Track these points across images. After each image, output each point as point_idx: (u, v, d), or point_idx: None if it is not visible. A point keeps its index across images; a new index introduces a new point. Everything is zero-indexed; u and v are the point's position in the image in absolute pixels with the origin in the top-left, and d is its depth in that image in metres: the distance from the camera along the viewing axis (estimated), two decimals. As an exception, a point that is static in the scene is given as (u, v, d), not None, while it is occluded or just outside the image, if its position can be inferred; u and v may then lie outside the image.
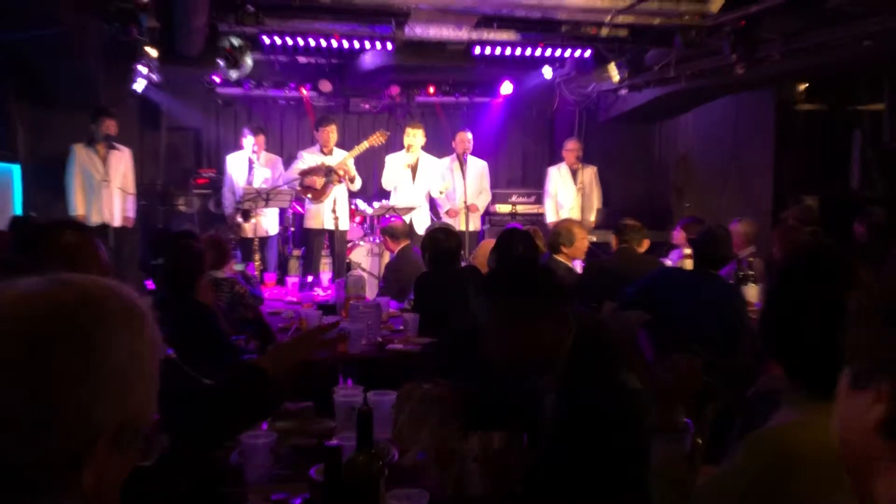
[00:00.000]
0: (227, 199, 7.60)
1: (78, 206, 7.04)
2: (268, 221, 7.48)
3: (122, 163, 7.16)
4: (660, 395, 1.78)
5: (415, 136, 7.73)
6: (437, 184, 7.88)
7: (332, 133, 7.56)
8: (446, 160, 8.10)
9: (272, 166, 7.63)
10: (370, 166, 8.42)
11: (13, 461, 0.86)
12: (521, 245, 4.18)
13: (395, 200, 7.65)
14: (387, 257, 6.75)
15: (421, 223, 7.55)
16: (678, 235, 6.37)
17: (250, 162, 7.55)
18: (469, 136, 7.90)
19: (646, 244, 5.38)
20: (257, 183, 7.38)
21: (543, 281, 2.28)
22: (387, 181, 7.89)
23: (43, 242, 2.22)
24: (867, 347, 0.88)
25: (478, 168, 8.09)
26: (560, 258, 5.24)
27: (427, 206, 7.93)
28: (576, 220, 6.75)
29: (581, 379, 2.08)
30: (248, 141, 7.53)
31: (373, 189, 8.22)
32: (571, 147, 8.23)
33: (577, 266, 5.43)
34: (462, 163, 7.60)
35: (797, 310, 1.44)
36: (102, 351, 0.89)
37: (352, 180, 7.51)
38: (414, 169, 7.80)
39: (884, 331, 0.86)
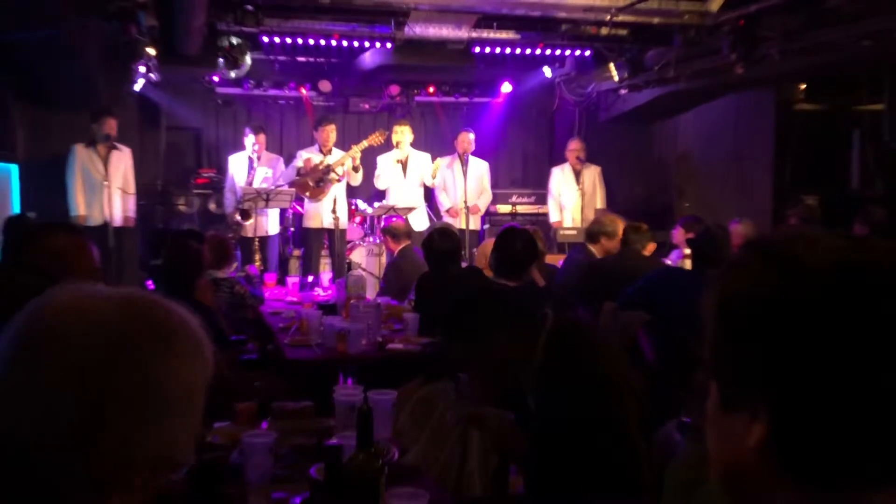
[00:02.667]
0: (229, 199, 7.59)
1: (79, 206, 7.03)
2: (268, 221, 7.48)
3: (122, 163, 7.15)
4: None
5: (402, 133, 7.77)
6: (427, 171, 7.89)
7: (331, 132, 7.56)
8: (446, 159, 8.10)
9: (273, 166, 7.62)
10: (368, 168, 8.41)
11: (44, 472, 0.82)
12: (520, 244, 4.17)
13: (391, 200, 7.65)
14: (385, 257, 6.76)
15: (418, 223, 7.55)
16: (678, 235, 6.36)
17: (250, 161, 7.55)
18: (471, 136, 7.91)
19: (651, 247, 5.33)
20: (257, 183, 7.38)
21: (494, 308, 2.33)
22: (379, 181, 7.90)
23: (35, 244, 2.22)
24: (728, 364, 0.79)
25: (479, 168, 8.09)
26: (594, 248, 5.27)
27: (424, 205, 7.94)
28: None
29: (554, 378, 2.09)
30: (249, 140, 7.53)
31: (373, 189, 8.21)
32: (573, 147, 8.22)
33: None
34: (463, 163, 7.61)
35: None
36: (163, 380, 0.86)
37: (357, 169, 7.52)
38: (404, 165, 7.82)
39: (735, 346, 0.78)
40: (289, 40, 6.90)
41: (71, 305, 0.86)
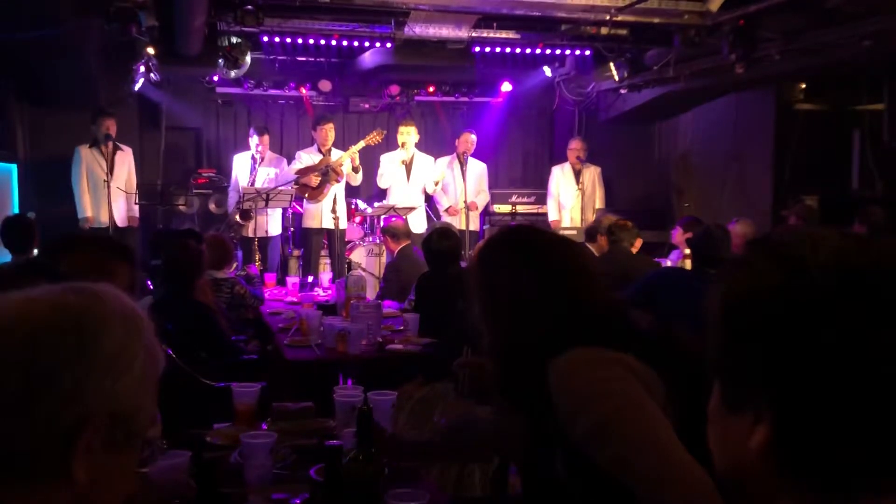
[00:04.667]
0: (232, 198, 7.59)
1: (87, 207, 7.05)
2: (270, 222, 7.48)
3: (125, 163, 7.17)
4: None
5: (408, 134, 7.74)
6: (431, 177, 7.88)
7: (329, 132, 7.55)
8: (445, 159, 8.10)
9: (276, 166, 7.63)
10: (370, 167, 8.42)
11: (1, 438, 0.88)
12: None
13: (392, 200, 7.65)
14: (385, 257, 6.75)
15: (417, 223, 7.55)
16: (677, 235, 6.37)
17: (253, 161, 7.56)
18: (473, 137, 7.91)
19: (638, 243, 5.38)
20: (259, 183, 7.38)
21: None
22: (382, 180, 7.89)
23: (75, 255, 2.18)
24: (731, 364, 0.79)
25: (477, 169, 8.09)
26: (593, 247, 5.30)
27: (424, 206, 7.93)
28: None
29: None
30: (253, 141, 7.54)
31: (373, 189, 8.21)
32: (574, 147, 8.23)
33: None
34: (462, 163, 7.61)
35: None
36: (95, 336, 0.93)
37: (356, 170, 7.51)
38: (408, 167, 7.81)
39: (739, 346, 0.77)
40: (289, 40, 6.90)
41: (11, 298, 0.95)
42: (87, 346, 0.92)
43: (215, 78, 7.78)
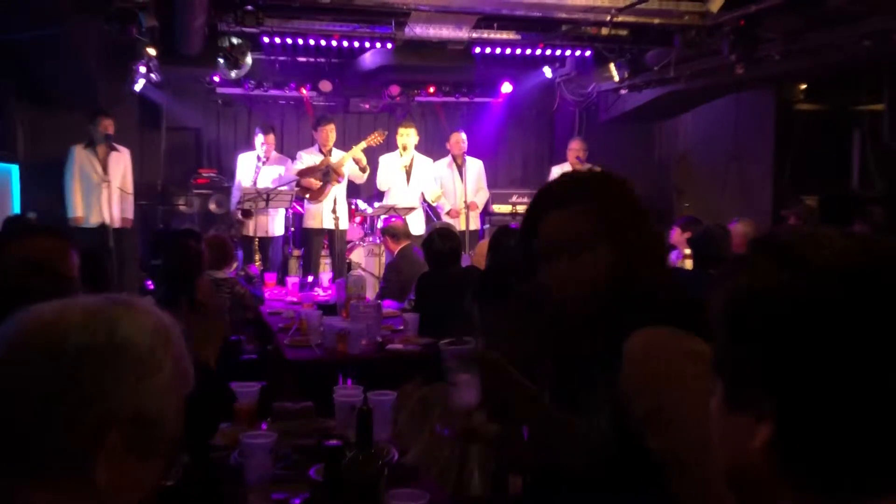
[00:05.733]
0: (235, 197, 7.59)
1: (76, 207, 7.04)
2: (272, 222, 7.48)
3: (121, 163, 7.14)
4: None
5: (408, 136, 7.71)
6: (430, 189, 7.86)
7: (330, 132, 7.55)
8: (442, 162, 8.08)
9: (280, 166, 7.63)
10: (370, 166, 8.42)
11: (23, 435, 0.91)
12: (514, 241, 4.18)
13: (391, 201, 7.63)
14: (384, 257, 6.75)
15: (416, 225, 7.53)
16: (675, 235, 6.37)
17: (258, 160, 7.56)
18: (463, 136, 7.89)
19: None
20: (262, 182, 7.38)
21: (528, 283, 2.31)
22: (381, 182, 7.88)
23: (14, 246, 2.21)
24: (734, 364, 0.79)
25: (475, 168, 8.07)
26: None
27: (423, 206, 7.92)
28: None
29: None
30: (259, 140, 7.55)
31: (373, 189, 8.21)
32: (574, 147, 8.21)
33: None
34: (459, 164, 7.59)
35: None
36: (123, 340, 0.96)
37: (364, 170, 7.51)
38: (408, 170, 7.79)
39: (742, 345, 0.77)
40: (289, 40, 6.91)
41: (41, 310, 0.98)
42: (114, 348, 0.95)
43: (216, 78, 7.78)
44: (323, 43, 6.96)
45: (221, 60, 6.64)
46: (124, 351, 0.95)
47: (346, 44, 7.02)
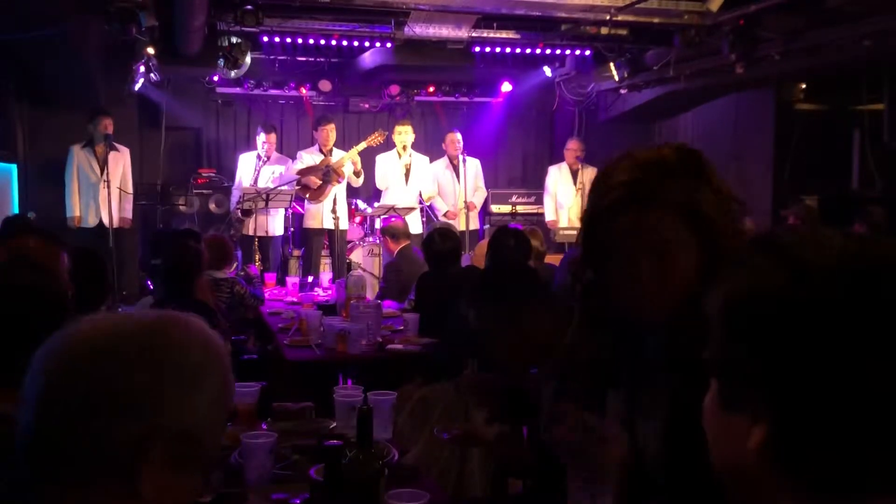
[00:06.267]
0: (235, 197, 7.59)
1: (74, 207, 7.04)
2: (272, 221, 7.48)
3: (120, 163, 7.15)
4: None
5: (406, 134, 7.71)
6: (428, 188, 7.86)
7: (330, 132, 7.55)
8: (439, 163, 8.08)
9: (281, 166, 7.63)
10: (368, 168, 8.42)
11: (75, 442, 0.93)
12: (513, 241, 4.18)
13: (389, 200, 7.63)
14: (383, 257, 6.75)
15: (413, 225, 7.53)
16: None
17: (258, 160, 7.56)
18: (459, 136, 7.89)
19: None
20: (263, 182, 7.38)
21: (528, 283, 2.31)
22: (380, 182, 7.88)
23: (4, 246, 2.22)
24: (731, 364, 0.78)
25: (473, 167, 8.07)
26: None
27: (419, 207, 7.92)
28: None
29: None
30: (261, 139, 7.55)
31: (373, 189, 8.21)
32: (572, 147, 8.22)
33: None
34: (457, 164, 7.58)
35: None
36: (173, 354, 0.99)
37: (357, 174, 7.51)
38: (407, 172, 7.78)
39: (739, 345, 0.76)
40: (289, 40, 6.90)
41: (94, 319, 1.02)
42: (165, 362, 0.97)
43: (215, 78, 7.78)
44: (322, 42, 6.96)
45: (221, 60, 6.63)
46: (175, 365, 0.98)
47: (345, 43, 7.02)
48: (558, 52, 7.41)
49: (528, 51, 7.29)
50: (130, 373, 0.95)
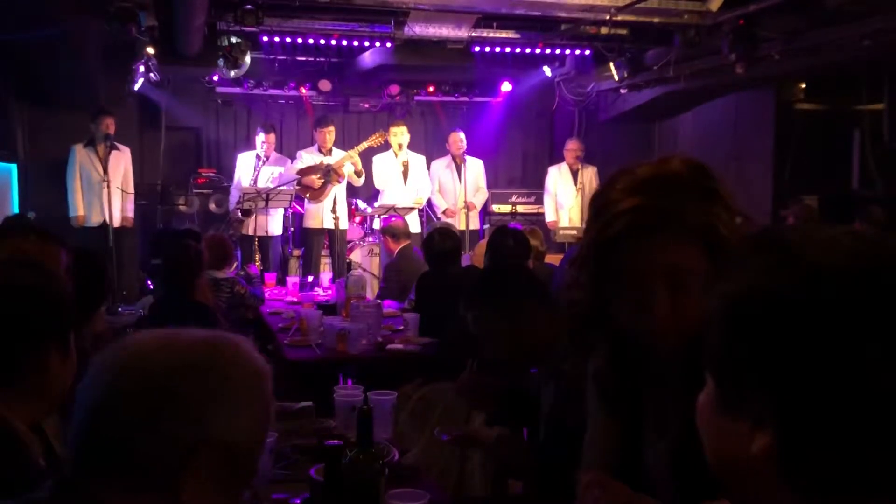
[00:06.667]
0: (234, 198, 7.59)
1: (78, 206, 7.04)
2: (271, 221, 7.47)
3: (121, 163, 7.15)
4: None
5: (402, 135, 7.72)
6: (426, 188, 7.86)
7: (329, 134, 7.55)
8: (441, 162, 8.08)
9: (280, 166, 7.63)
10: (366, 168, 8.42)
11: (125, 446, 0.98)
12: (512, 241, 4.18)
13: (388, 200, 7.62)
14: (382, 257, 6.75)
15: (413, 224, 7.53)
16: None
17: (257, 160, 7.56)
18: (462, 135, 7.89)
19: None
20: (262, 182, 7.38)
21: (526, 284, 2.32)
22: (378, 182, 7.88)
23: (2, 245, 2.22)
24: (732, 365, 0.76)
25: (475, 168, 8.08)
26: None
27: (422, 206, 7.92)
28: None
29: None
30: (260, 139, 7.55)
31: (373, 189, 8.21)
32: (571, 147, 8.22)
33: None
34: (459, 164, 7.58)
35: None
36: (223, 372, 1.03)
37: (359, 174, 7.52)
38: (405, 172, 7.78)
39: (742, 347, 0.74)
40: (289, 40, 6.90)
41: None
42: (217, 377, 1.03)
43: (215, 78, 7.78)
44: (322, 42, 6.96)
45: (221, 60, 6.63)
46: (226, 381, 1.03)
47: (345, 43, 7.02)
48: (558, 51, 7.42)
49: (528, 51, 7.29)
50: (183, 386, 1.00)
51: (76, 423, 1.01)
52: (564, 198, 8.22)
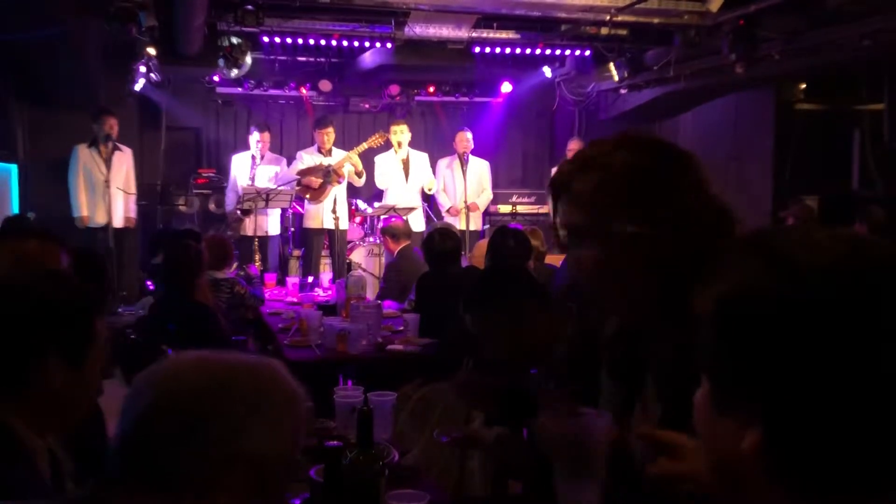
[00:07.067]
0: (230, 199, 7.59)
1: (81, 207, 7.04)
2: (269, 221, 7.47)
3: (124, 163, 7.15)
4: None
5: (402, 133, 7.72)
6: (429, 180, 7.88)
7: (328, 135, 7.55)
8: (446, 160, 8.10)
9: (275, 165, 7.63)
10: (367, 169, 8.42)
11: (166, 456, 1.01)
12: (512, 241, 4.18)
13: (390, 200, 7.64)
14: (384, 257, 6.75)
15: (416, 223, 7.54)
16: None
17: (253, 160, 7.56)
18: (469, 135, 7.90)
19: None
20: (259, 181, 7.38)
21: (527, 284, 2.32)
22: (380, 181, 7.88)
23: (5, 248, 2.22)
24: (722, 366, 0.78)
25: (479, 168, 8.08)
26: None
27: (423, 206, 7.93)
28: None
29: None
30: (254, 138, 7.55)
31: (373, 189, 8.21)
32: (572, 147, 8.21)
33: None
34: (463, 163, 7.59)
35: None
36: (261, 391, 1.08)
37: (360, 175, 7.52)
38: (406, 169, 7.79)
39: (730, 347, 0.76)
40: (289, 40, 6.90)
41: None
42: (256, 395, 1.07)
43: (215, 78, 7.78)
44: (323, 42, 6.96)
45: (221, 60, 6.64)
46: (264, 400, 1.07)
47: (345, 43, 7.02)
48: (558, 52, 7.42)
49: (528, 51, 7.29)
50: (222, 405, 1.04)
51: (120, 429, 1.05)
52: (565, 198, 8.20)
